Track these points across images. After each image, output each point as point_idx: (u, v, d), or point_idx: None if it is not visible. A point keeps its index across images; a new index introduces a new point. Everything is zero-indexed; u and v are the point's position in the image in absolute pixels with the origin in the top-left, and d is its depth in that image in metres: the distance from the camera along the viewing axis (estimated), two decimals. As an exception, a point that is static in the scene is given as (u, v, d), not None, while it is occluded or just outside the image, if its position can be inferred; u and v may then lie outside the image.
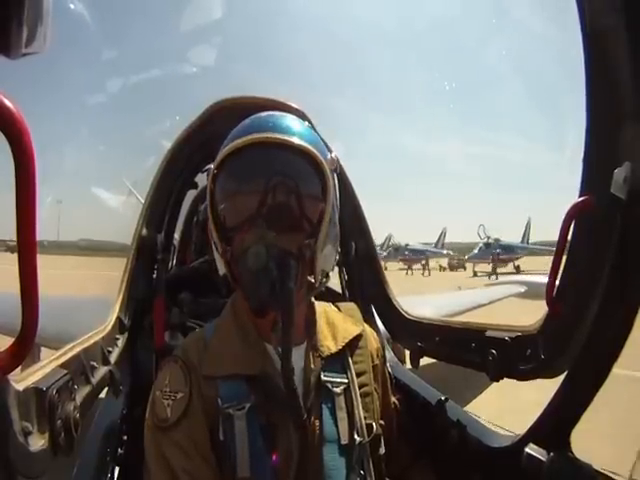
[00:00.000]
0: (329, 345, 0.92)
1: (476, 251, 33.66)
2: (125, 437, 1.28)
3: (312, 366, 0.88)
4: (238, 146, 0.81)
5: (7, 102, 0.48)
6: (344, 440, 0.85)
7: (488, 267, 31.30)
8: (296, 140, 0.81)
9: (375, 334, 1.08)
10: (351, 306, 1.08)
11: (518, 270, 32.22)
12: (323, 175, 0.83)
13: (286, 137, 0.81)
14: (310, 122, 1.20)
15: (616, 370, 0.76)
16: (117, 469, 1.16)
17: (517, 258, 35.46)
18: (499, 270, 29.85)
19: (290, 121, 0.87)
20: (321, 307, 1.00)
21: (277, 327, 0.76)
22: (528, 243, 40.00)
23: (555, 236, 0.84)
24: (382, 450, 0.94)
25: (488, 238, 34.19)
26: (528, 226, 41.69)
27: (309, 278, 0.83)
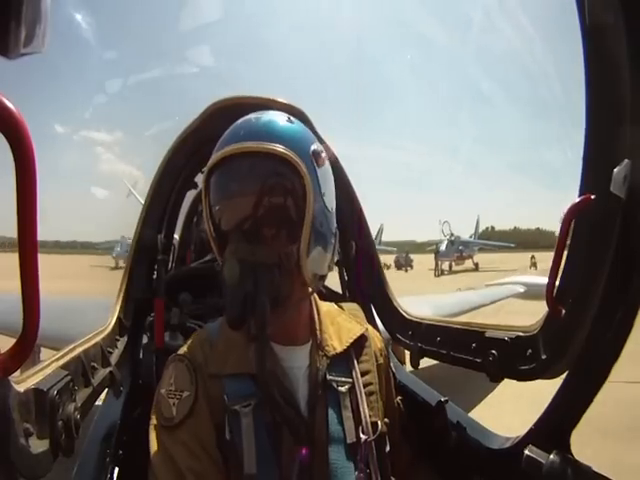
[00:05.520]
0: (334, 345, 0.93)
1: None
2: (125, 438, 1.27)
3: (318, 365, 0.89)
4: (208, 169, 0.83)
5: (7, 102, 0.48)
6: (350, 439, 0.86)
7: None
8: (267, 145, 0.79)
9: (378, 334, 1.08)
10: (354, 306, 1.09)
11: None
12: (300, 177, 0.80)
13: (255, 144, 0.79)
14: (308, 120, 1.20)
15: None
16: (117, 470, 1.16)
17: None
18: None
19: (265, 123, 0.83)
20: (325, 307, 1.00)
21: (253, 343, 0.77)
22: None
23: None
24: (387, 448, 0.94)
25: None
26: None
27: (305, 279, 0.83)
